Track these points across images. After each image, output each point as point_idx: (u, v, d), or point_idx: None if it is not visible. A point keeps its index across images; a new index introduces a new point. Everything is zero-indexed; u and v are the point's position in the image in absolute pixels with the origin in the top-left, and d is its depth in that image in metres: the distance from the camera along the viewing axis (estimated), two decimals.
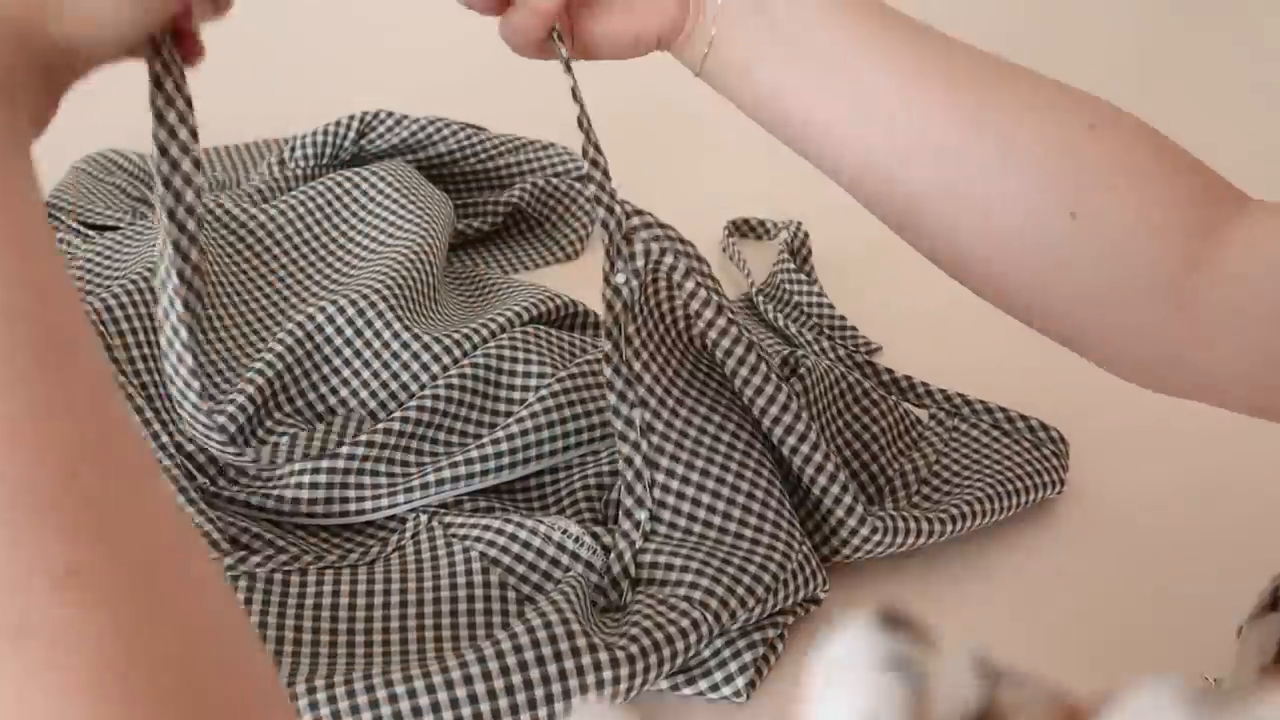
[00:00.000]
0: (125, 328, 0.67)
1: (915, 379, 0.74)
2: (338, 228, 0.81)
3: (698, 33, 0.47)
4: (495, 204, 0.90)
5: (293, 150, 0.88)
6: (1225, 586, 0.60)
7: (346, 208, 0.82)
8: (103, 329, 0.67)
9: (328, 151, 0.88)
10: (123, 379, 0.64)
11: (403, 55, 1.18)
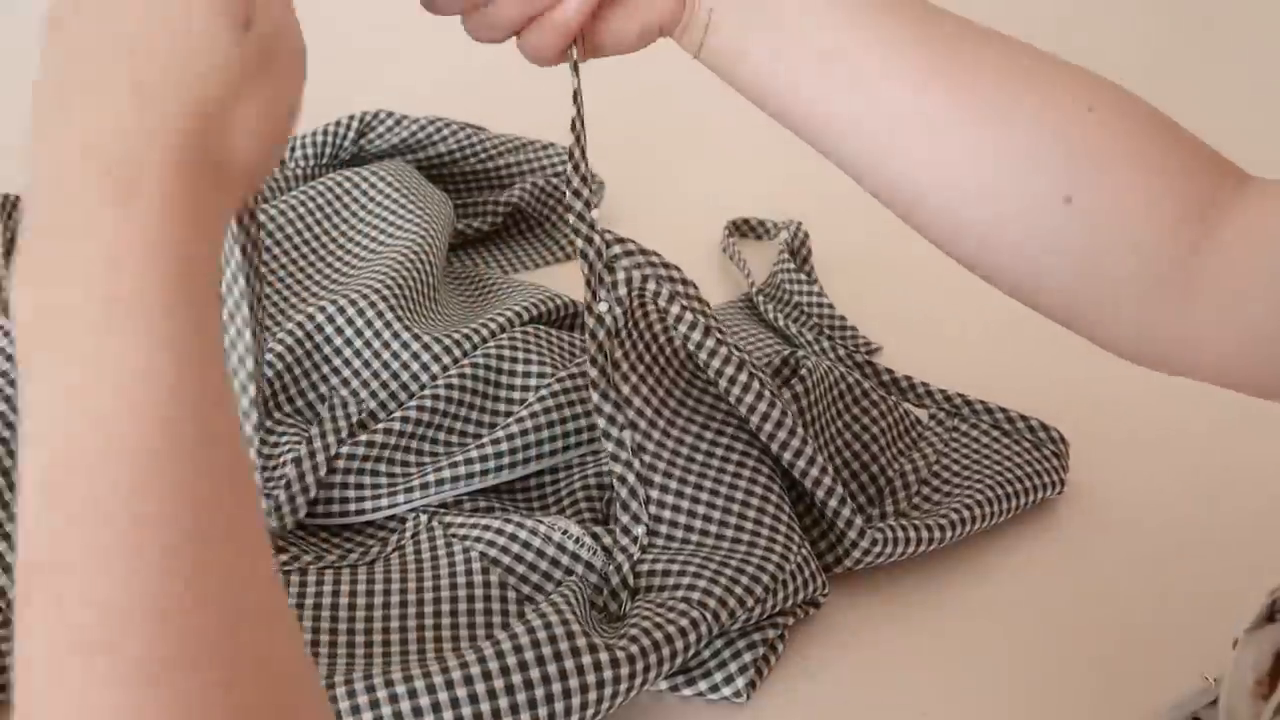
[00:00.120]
0: None
1: (915, 379, 0.74)
2: (338, 228, 0.81)
3: (696, 20, 0.48)
4: (495, 204, 0.90)
5: (292, 150, 0.88)
6: (1225, 586, 0.60)
7: (346, 208, 0.82)
8: None
9: (327, 151, 0.88)
10: None
11: (403, 55, 1.18)
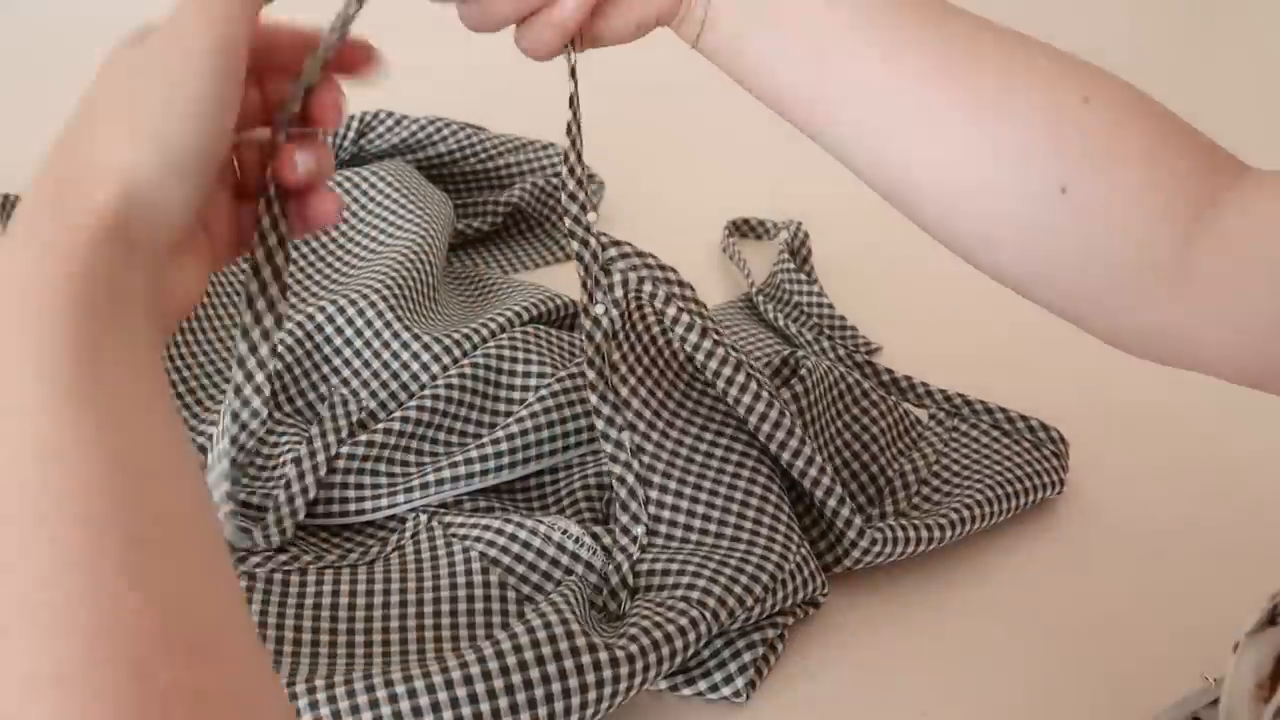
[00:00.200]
0: None
1: (915, 379, 0.74)
2: (338, 227, 0.81)
3: (692, 15, 0.48)
4: (495, 204, 0.90)
5: None
6: (1225, 586, 0.60)
7: (346, 208, 0.82)
8: None
9: None
10: None
11: (403, 55, 1.18)
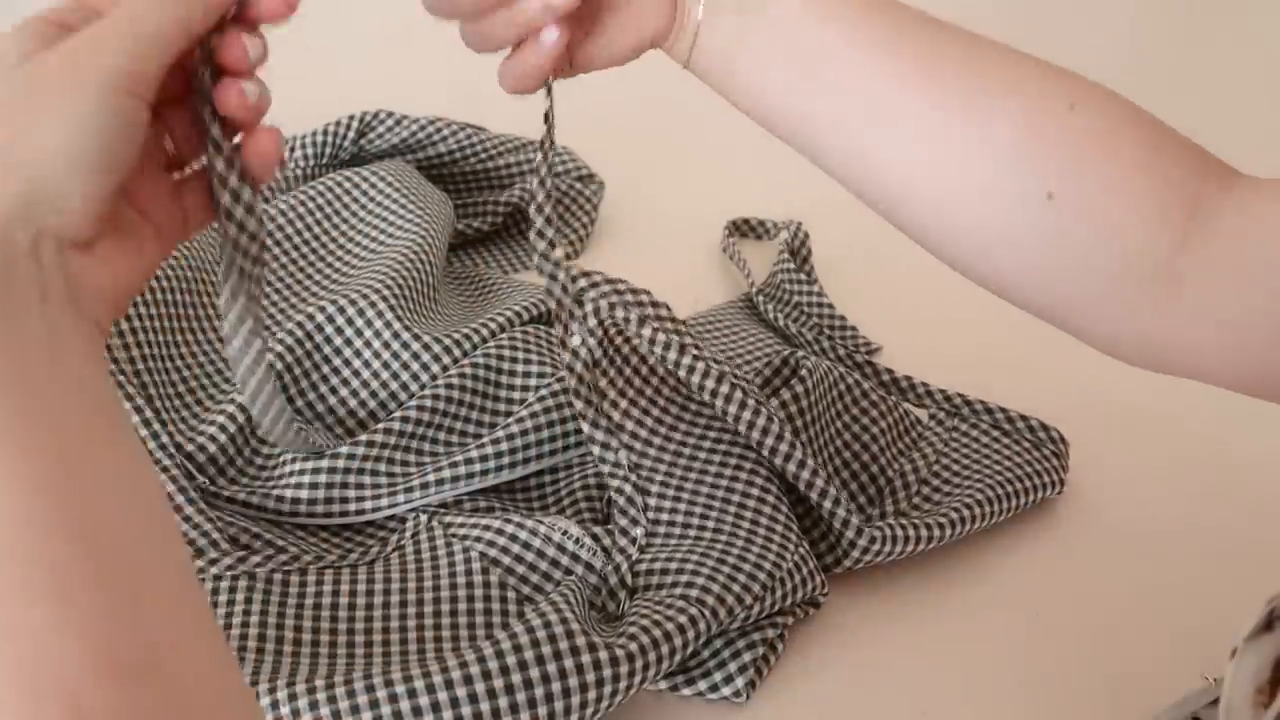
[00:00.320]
0: (125, 327, 0.67)
1: (915, 379, 0.74)
2: (338, 228, 0.81)
3: (684, 34, 0.48)
4: (495, 204, 0.90)
5: (292, 150, 0.88)
6: (1225, 586, 0.60)
7: (346, 208, 0.82)
8: None
9: (327, 151, 0.88)
10: (121, 378, 0.64)
11: (403, 55, 1.18)
